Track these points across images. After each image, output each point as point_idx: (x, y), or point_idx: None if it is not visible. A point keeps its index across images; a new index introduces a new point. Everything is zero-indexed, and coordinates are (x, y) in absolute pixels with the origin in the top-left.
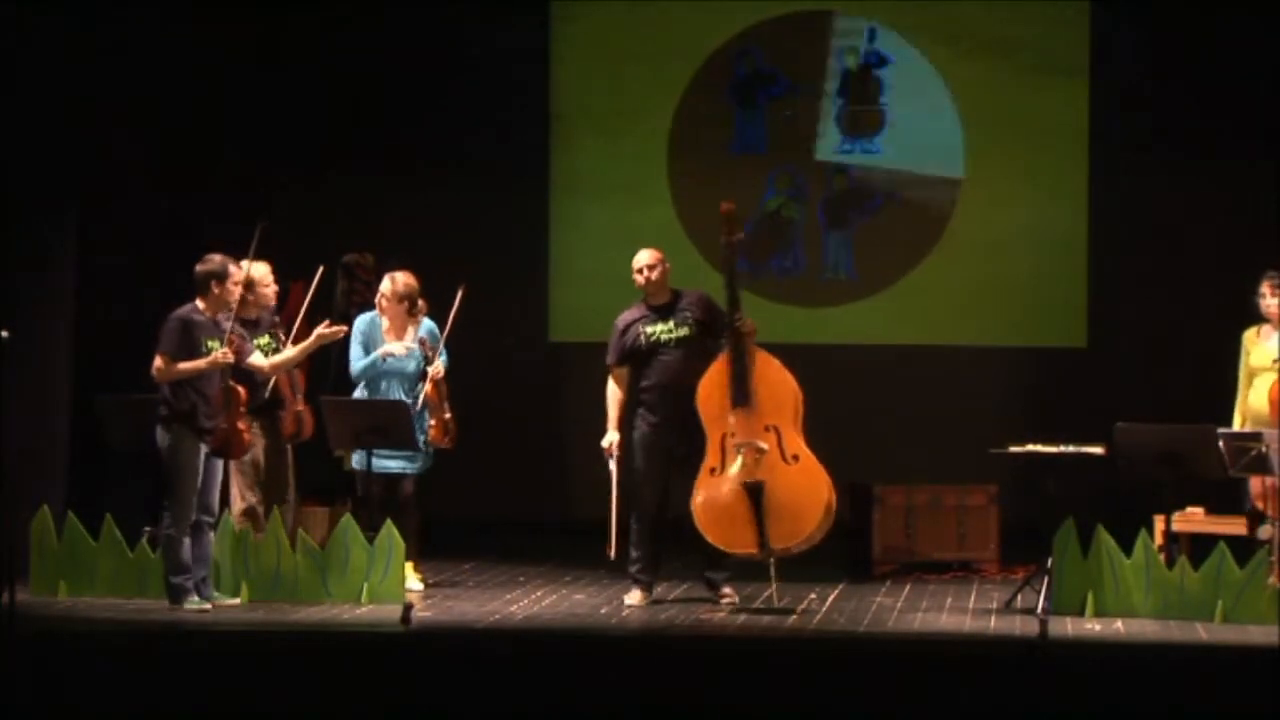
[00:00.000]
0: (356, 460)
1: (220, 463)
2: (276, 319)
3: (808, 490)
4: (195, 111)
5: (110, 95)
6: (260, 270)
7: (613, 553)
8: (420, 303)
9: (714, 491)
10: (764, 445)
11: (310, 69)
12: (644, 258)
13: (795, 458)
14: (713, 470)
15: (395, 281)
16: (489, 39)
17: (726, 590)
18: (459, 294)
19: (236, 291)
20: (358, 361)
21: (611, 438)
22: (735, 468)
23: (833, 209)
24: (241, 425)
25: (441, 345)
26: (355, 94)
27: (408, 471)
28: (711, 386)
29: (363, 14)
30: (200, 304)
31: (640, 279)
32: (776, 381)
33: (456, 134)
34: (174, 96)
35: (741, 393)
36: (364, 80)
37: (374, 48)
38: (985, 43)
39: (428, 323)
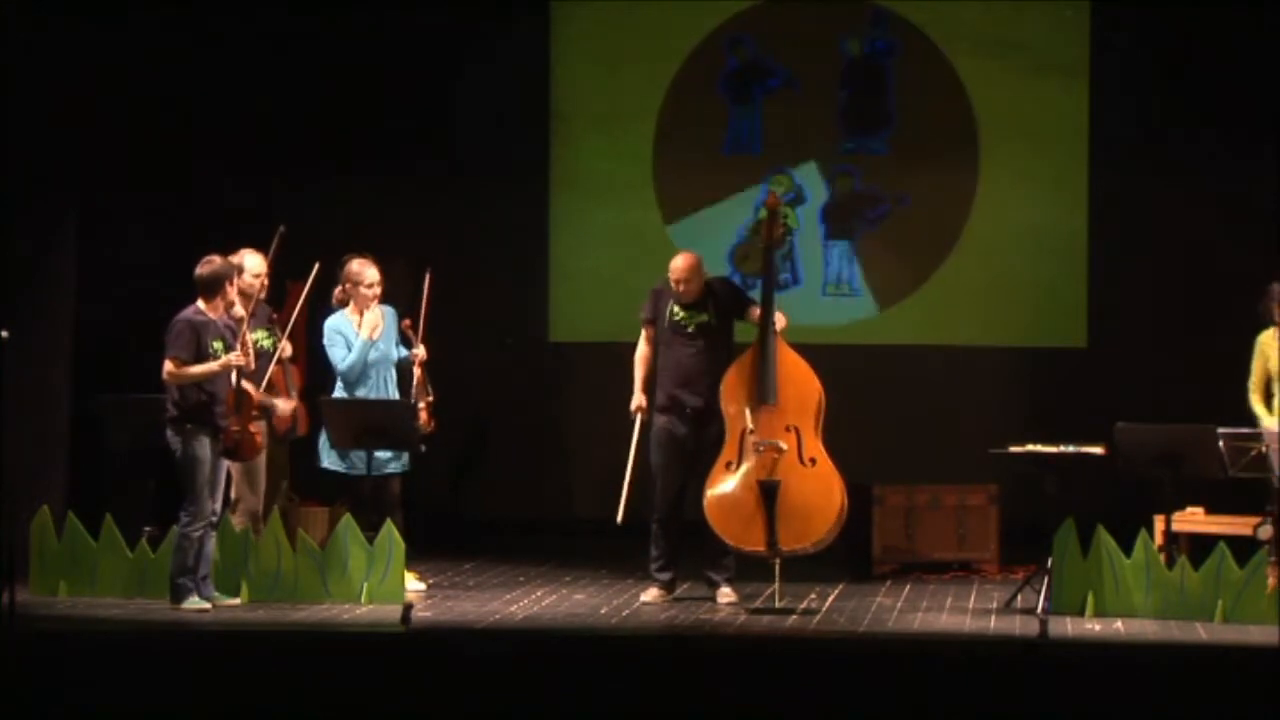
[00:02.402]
0: (329, 461)
1: (225, 463)
2: (274, 315)
3: (822, 494)
4: (195, 112)
5: (110, 95)
6: (252, 262)
7: (620, 516)
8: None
9: (729, 486)
10: (784, 445)
11: (310, 69)
12: (679, 270)
13: (813, 461)
14: (729, 464)
15: (368, 269)
16: (489, 39)
17: (726, 590)
18: (426, 280)
19: (235, 292)
20: (345, 360)
21: (638, 400)
22: (752, 465)
23: (835, 216)
24: (254, 428)
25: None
26: (355, 94)
27: (388, 471)
28: (736, 380)
29: (363, 14)
30: (202, 305)
31: (677, 288)
32: (802, 381)
33: (456, 134)
34: (174, 96)
35: (767, 390)
36: (364, 80)
37: (374, 47)
38: (985, 42)
39: (388, 309)
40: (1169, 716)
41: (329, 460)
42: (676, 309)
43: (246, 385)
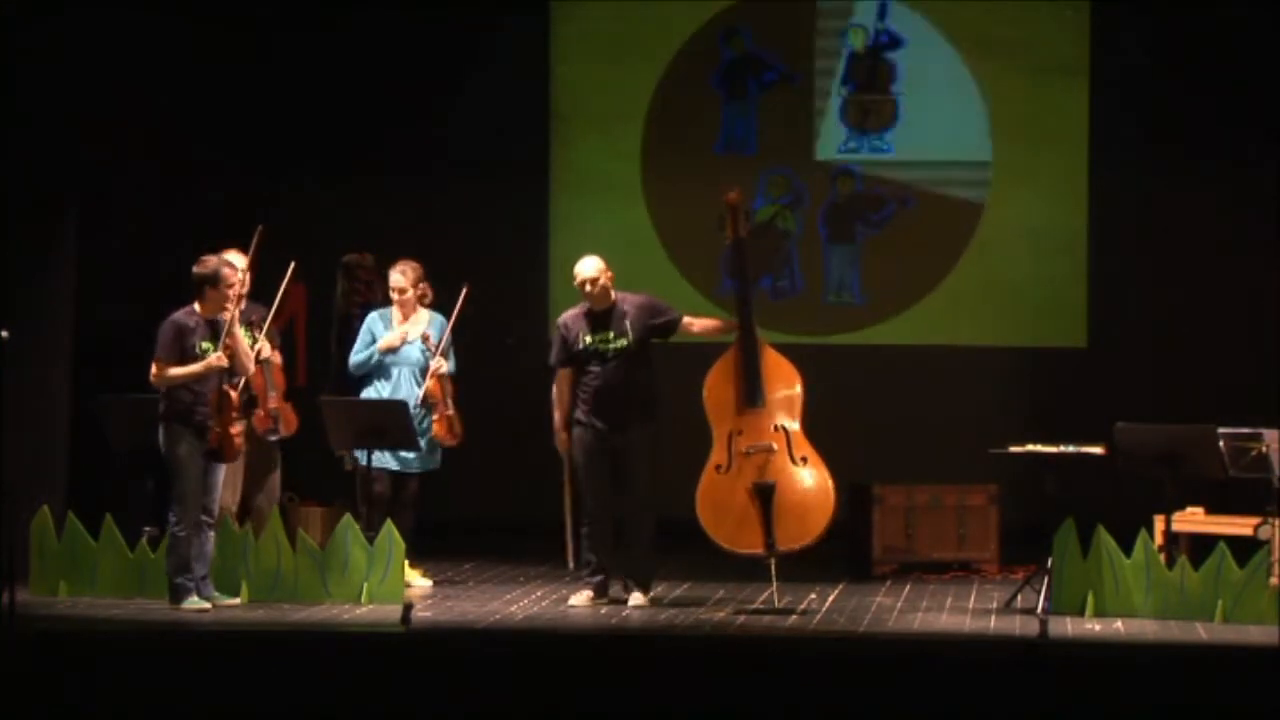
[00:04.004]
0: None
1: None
2: (253, 318)
3: (817, 492)
4: (195, 112)
5: (110, 96)
6: (236, 260)
7: (571, 562)
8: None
9: (721, 491)
10: (774, 446)
11: (310, 69)
12: (587, 271)
13: (804, 459)
14: (719, 468)
15: (410, 271)
16: (489, 39)
17: (638, 595)
18: (462, 294)
19: (232, 293)
20: (357, 354)
21: (562, 438)
22: (744, 469)
23: (836, 219)
24: (235, 430)
25: (449, 344)
26: (355, 94)
27: (409, 470)
28: (720, 383)
29: (363, 14)
30: (196, 306)
31: (584, 291)
32: (786, 380)
33: (456, 134)
34: (174, 97)
35: (753, 393)
36: (364, 80)
37: (374, 47)
38: (985, 42)
39: (438, 317)
40: (1169, 716)
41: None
42: (589, 337)
43: (227, 387)
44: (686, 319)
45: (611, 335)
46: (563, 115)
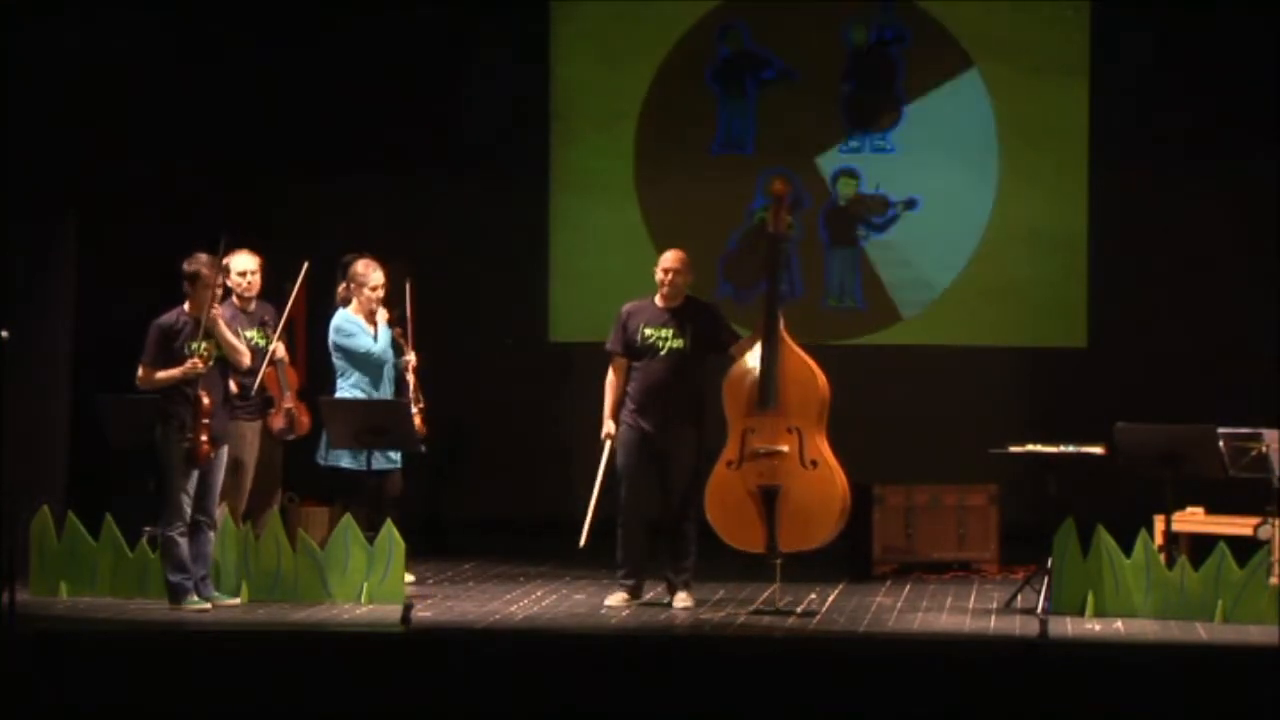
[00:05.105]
0: (331, 458)
1: (220, 463)
2: (265, 317)
3: (823, 497)
4: (195, 111)
5: (110, 95)
6: (239, 262)
7: (583, 540)
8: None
9: (729, 487)
10: (784, 449)
11: (311, 68)
12: (669, 259)
13: (814, 463)
14: (730, 464)
15: (374, 272)
16: (489, 39)
17: (682, 595)
18: (407, 287)
19: (208, 294)
20: (372, 348)
21: (609, 428)
22: (752, 468)
23: (837, 221)
24: (204, 436)
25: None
26: (355, 93)
27: (394, 467)
28: (739, 380)
29: (362, 14)
30: (186, 306)
31: (663, 277)
32: (805, 381)
33: (456, 134)
34: (174, 96)
35: (768, 395)
36: (364, 80)
37: (374, 47)
38: (985, 42)
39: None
40: (1169, 716)
41: (337, 459)
42: (649, 329)
43: (201, 390)
44: (734, 347)
45: (671, 334)
46: (562, 115)
